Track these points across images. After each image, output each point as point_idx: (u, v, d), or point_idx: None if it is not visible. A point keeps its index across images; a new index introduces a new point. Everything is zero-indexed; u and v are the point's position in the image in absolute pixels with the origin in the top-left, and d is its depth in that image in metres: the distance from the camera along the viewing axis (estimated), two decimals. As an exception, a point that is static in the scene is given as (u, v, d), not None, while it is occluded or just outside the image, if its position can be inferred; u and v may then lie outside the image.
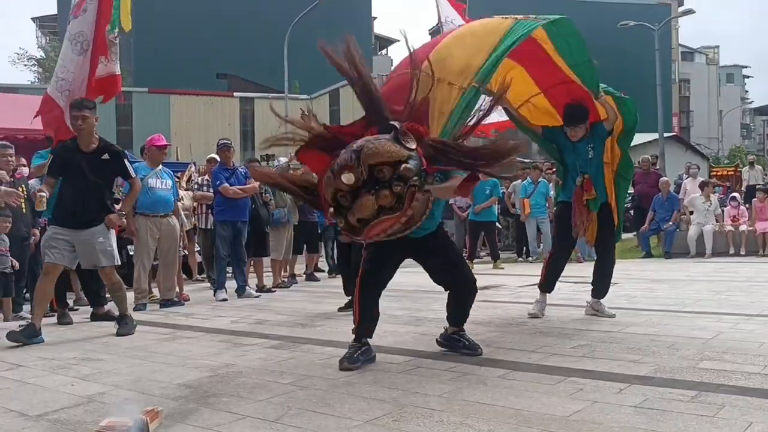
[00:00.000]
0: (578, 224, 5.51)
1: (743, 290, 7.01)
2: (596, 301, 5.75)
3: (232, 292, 7.96)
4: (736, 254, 11.46)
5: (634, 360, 3.99)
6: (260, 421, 3.04)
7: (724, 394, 3.19)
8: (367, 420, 3.00)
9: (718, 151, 60.78)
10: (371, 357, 4.17)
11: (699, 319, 5.31)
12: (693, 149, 41.80)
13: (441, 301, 6.92)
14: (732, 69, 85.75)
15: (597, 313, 5.67)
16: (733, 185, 20.33)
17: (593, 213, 5.51)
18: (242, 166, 8.58)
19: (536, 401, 3.21)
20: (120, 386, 3.78)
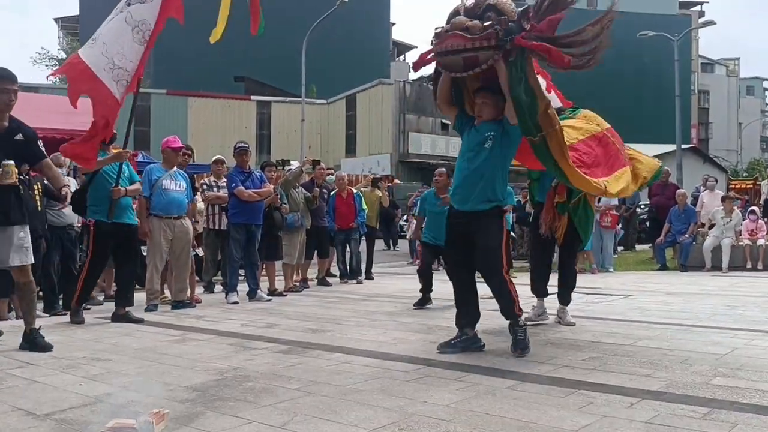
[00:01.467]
0: (545, 222, 5.66)
1: (759, 306, 6.91)
2: (561, 307, 5.90)
3: (244, 295, 7.97)
4: (753, 269, 11.32)
5: (646, 374, 3.93)
6: (266, 427, 3.02)
7: (738, 412, 3.13)
8: (373, 429, 2.98)
9: (737, 163, 60.22)
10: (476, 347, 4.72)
11: (713, 334, 5.23)
12: (711, 161, 41.43)
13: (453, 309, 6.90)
14: (752, 81, 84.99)
15: (559, 321, 5.84)
16: (752, 198, 20.11)
17: (563, 217, 5.65)
18: (258, 170, 8.60)
19: (545, 414, 3.17)
20: (128, 388, 3.78)
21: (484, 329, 5.40)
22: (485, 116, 4.70)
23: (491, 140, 4.62)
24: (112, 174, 6.26)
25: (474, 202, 4.64)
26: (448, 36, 4.41)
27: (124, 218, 6.36)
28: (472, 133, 4.79)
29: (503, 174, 4.74)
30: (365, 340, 5.20)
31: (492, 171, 4.64)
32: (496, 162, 4.66)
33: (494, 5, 4.39)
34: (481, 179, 4.62)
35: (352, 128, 38.35)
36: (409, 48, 69.37)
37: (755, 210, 12.85)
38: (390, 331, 5.63)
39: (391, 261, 15.82)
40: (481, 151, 4.65)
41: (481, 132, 4.71)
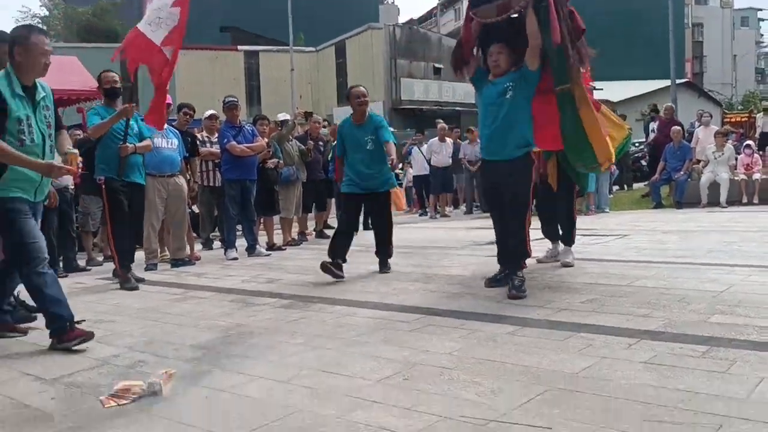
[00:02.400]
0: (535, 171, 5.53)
1: (756, 240, 6.95)
2: (564, 248, 6.08)
3: (243, 251, 8.00)
4: (749, 203, 11.36)
5: (643, 314, 3.98)
6: (272, 382, 3.07)
7: (736, 349, 3.18)
8: (378, 379, 3.03)
9: (732, 96, 59.80)
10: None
11: (710, 271, 5.27)
12: (706, 95, 41.15)
13: (451, 257, 6.97)
14: (747, 12, 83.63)
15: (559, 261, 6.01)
16: (747, 132, 20.03)
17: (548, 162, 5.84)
18: (249, 124, 8.51)
19: (545, 358, 3.22)
20: (133, 348, 3.82)
21: (484, 276, 5.45)
22: (502, 65, 4.99)
23: (511, 90, 4.90)
24: (120, 131, 6.08)
25: (510, 150, 4.94)
26: None
27: (133, 177, 6.18)
28: (489, 87, 5.06)
29: (528, 118, 5.01)
30: (366, 292, 5.25)
31: (518, 117, 4.94)
32: (519, 108, 4.94)
33: None
34: (511, 127, 4.92)
35: (343, 76, 37.79)
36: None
37: (750, 144, 12.82)
38: (390, 281, 5.68)
39: (388, 209, 15.82)
40: (504, 102, 4.92)
41: (499, 84, 4.98)
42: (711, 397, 2.59)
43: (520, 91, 4.92)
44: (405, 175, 16.17)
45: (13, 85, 3.76)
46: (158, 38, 5.96)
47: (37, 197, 4.01)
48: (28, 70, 3.84)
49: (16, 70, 3.81)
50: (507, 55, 4.99)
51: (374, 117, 6.25)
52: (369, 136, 6.07)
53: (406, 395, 2.80)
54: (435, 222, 12.02)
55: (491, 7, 4.99)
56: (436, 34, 41.62)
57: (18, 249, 3.86)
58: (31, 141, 3.81)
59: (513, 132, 4.93)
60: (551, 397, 2.69)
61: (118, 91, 6.33)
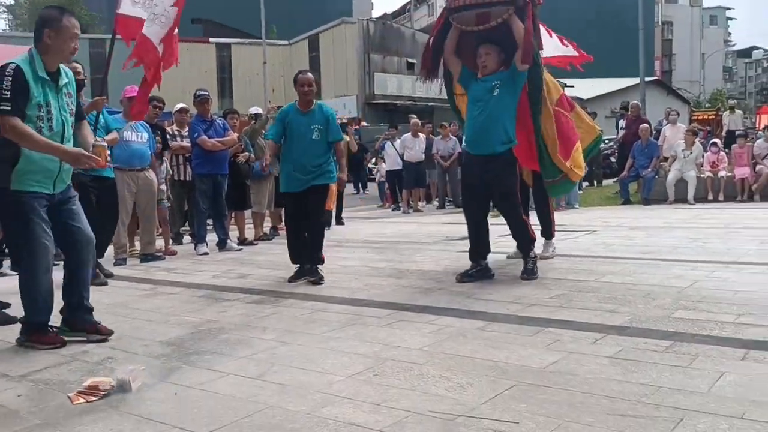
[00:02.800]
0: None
1: (720, 237, 7.11)
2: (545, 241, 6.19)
3: (213, 245, 7.95)
4: (715, 200, 11.59)
5: (610, 309, 4.06)
6: (242, 379, 3.07)
7: (698, 344, 3.27)
8: (349, 375, 3.05)
9: (700, 94, 60.85)
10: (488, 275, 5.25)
11: (675, 267, 5.39)
12: (674, 93, 41.84)
13: (423, 252, 7.01)
14: (715, 11, 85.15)
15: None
16: (714, 129, 20.42)
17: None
18: (220, 118, 8.45)
19: (514, 353, 3.27)
20: (102, 345, 3.79)
21: (456, 271, 5.50)
22: (490, 66, 5.22)
23: (498, 88, 5.15)
24: (89, 124, 5.99)
25: (493, 145, 5.16)
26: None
27: (101, 171, 6.10)
28: (478, 84, 5.28)
29: (512, 117, 5.25)
30: (338, 287, 5.26)
31: (502, 114, 5.17)
32: (505, 106, 5.18)
33: None
34: (495, 123, 5.15)
35: (316, 70, 37.59)
36: (371, -17, 67.77)
37: (717, 142, 13.07)
38: (362, 277, 5.69)
39: (361, 205, 15.85)
40: (491, 99, 5.15)
41: (487, 82, 5.21)
42: (673, 391, 2.66)
43: (507, 90, 5.16)
44: (378, 170, 16.19)
45: (37, 69, 3.58)
46: (154, 35, 5.90)
47: (57, 188, 3.78)
48: (56, 54, 3.66)
49: (43, 53, 3.62)
50: (495, 56, 5.23)
51: (324, 107, 5.81)
52: (316, 125, 5.58)
53: (376, 391, 2.82)
54: (408, 217, 12.05)
55: (470, 15, 5.14)
56: (409, 29, 41.67)
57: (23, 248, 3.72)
58: (49, 129, 3.62)
59: (496, 128, 5.15)
60: (519, 391, 2.74)
61: (82, 83, 6.23)
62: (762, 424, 2.31)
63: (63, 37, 3.63)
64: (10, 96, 3.44)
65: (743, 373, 2.84)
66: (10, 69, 3.48)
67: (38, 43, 3.62)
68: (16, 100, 3.46)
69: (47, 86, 3.63)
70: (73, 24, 3.68)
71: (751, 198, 11.37)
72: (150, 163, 7.26)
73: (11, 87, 3.45)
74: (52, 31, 3.61)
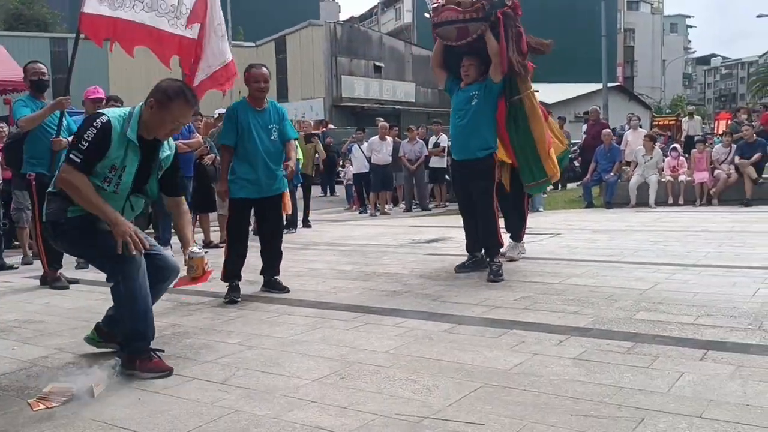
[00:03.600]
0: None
1: (680, 240, 7.26)
2: (512, 243, 6.33)
3: (178, 248, 7.83)
4: (675, 204, 11.84)
5: (573, 311, 4.12)
6: (208, 383, 3.04)
7: (659, 345, 3.34)
8: (315, 378, 3.04)
9: (661, 100, 62.13)
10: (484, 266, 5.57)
11: (637, 269, 5.49)
12: (636, 99, 42.59)
13: (390, 255, 7.02)
14: (676, 18, 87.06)
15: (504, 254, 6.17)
16: (674, 135, 20.87)
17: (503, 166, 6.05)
18: (185, 119, 8.35)
19: (479, 355, 3.30)
20: (63, 349, 3.72)
21: (422, 274, 5.53)
22: (471, 76, 5.55)
23: (476, 98, 5.49)
24: (52, 125, 5.84)
25: (473, 150, 5.50)
26: (443, 9, 5.37)
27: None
28: (459, 93, 5.63)
29: (491, 123, 5.56)
30: (304, 290, 5.24)
31: (481, 122, 5.50)
32: (483, 115, 5.49)
33: None
34: (474, 130, 5.49)
35: (283, 72, 37.50)
36: (338, -13, 67.66)
37: (677, 147, 13.35)
38: (329, 280, 5.69)
39: (329, 207, 15.81)
40: (470, 108, 5.50)
41: (467, 92, 5.56)
42: (635, 391, 2.71)
43: (485, 99, 5.49)
44: (345, 172, 16.18)
45: (128, 129, 3.22)
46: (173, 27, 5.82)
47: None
48: (152, 128, 3.29)
49: (143, 116, 3.27)
50: (476, 67, 5.54)
51: (276, 104, 5.33)
52: (273, 124, 5.08)
53: (342, 394, 2.82)
54: (375, 220, 12.07)
55: (451, 30, 5.44)
56: (377, 32, 41.75)
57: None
58: (114, 192, 3.27)
59: (476, 135, 5.50)
60: (484, 393, 2.77)
61: (46, 83, 6.12)
62: (720, 423, 2.37)
63: (164, 117, 3.25)
64: (85, 148, 3.14)
65: (702, 373, 2.91)
66: (100, 120, 3.19)
67: (144, 104, 3.29)
68: (89, 155, 3.15)
69: (131, 150, 3.25)
70: (181, 111, 3.27)
71: (710, 202, 11.63)
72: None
73: (91, 140, 3.15)
74: (157, 105, 3.24)
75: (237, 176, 5.00)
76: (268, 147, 5.02)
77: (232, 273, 5.02)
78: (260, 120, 5.03)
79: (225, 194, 5.07)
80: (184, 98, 3.26)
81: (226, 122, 5.08)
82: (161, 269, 3.52)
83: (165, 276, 3.55)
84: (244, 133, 4.98)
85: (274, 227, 5.30)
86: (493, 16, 5.27)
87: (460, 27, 5.38)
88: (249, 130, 4.97)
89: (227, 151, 5.04)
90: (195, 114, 8.89)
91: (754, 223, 8.63)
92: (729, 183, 11.62)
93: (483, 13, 5.26)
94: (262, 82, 5.03)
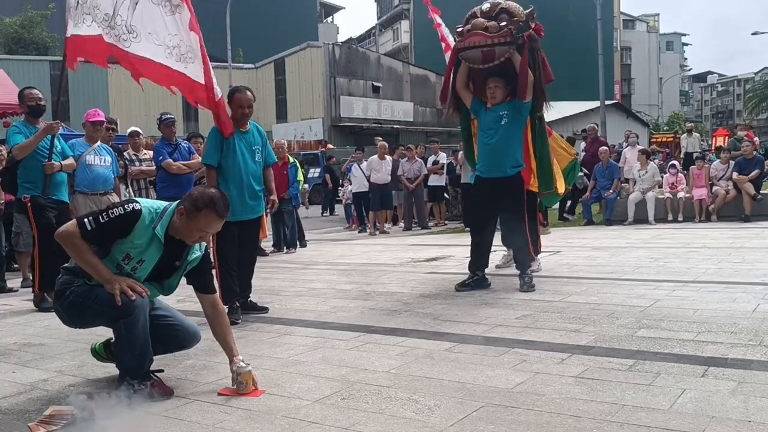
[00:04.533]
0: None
1: (680, 257, 7.27)
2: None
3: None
4: (674, 220, 11.85)
5: (575, 329, 4.12)
6: (209, 405, 3.03)
7: (660, 362, 3.33)
8: (316, 399, 3.03)
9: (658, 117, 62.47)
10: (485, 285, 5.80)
11: (638, 286, 5.49)
12: (634, 116, 42.81)
13: (390, 274, 7.01)
14: (672, 36, 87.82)
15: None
16: (672, 151, 20.97)
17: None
18: (185, 141, 8.40)
19: (481, 374, 3.29)
20: (64, 372, 3.71)
21: (423, 293, 5.52)
22: (498, 97, 5.72)
23: (506, 117, 5.68)
24: (44, 149, 5.94)
25: (505, 168, 5.70)
26: (470, 34, 5.54)
27: (59, 195, 6.08)
28: (488, 113, 5.80)
29: (520, 143, 5.83)
30: (305, 310, 5.24)
31: (512, 141, 5.73)
32: (512, 134, 5.72)
33: (506, 9, 5.54)
34: (506, 149, 5.70)
35: (282, 93, 37.77)
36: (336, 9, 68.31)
37: (675, 164, 13.38)
38: (329, 299, 5.68)
39: (327, 227, 15.82)
40: (500, 128, 5.69)
41: (496, 112, 5.74)
42: (636, 409, 2.70)
43: (514, 119, 5.69)
44: (344, 192, 16.21)
45: (157, 225, 3.19)
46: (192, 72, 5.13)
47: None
48: (179, 232, 3.23)
49: (176, 216, 3.22)
50: (503, 87, 5.72)
51: (258, 126, 5.35)
52: (256, 146, 5.14)
53: (344, 415, 2.81)
54: (374, 239, 12.07)
55: (476, 52, 5.59)
56: (374, 53, 42.04)
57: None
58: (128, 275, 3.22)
59: (507, 153, 5.71)
60: (486, 413, 2.76)
61: (42, 109, 6.18)
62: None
63: (190, 226, 3.19)
64: (102, 222, 3.12)
65: (703, 389, 2.91)
66: (132, 206, 3.17)
67: (178, 206, 3.24)
68: (101, 229, 3.12)
69: (155, 245, 3.21)
70: (208, 222, 3.19)
71: (709, 218, 11.65)
72: (114, 186, 7.16)
73: (113, 218, 3.12)
74: (186, 214, 3.18)
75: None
76: (252, 168, 5.06)
77: (232, 294, 4.97)
78: (245, 141, 5.07)
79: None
80: (214, 210, 3.18)
81: (210, 142, 5.03)
82: (178, 338, 3.51)
83: (182, 344, 3.55)
84: (230, 154, 4.97)
85: (252, 250, 5.34)
86: (521, 39, 5.46)
87: (486, 50, 5.54)
88: (234, 151, 4.98)
89: (212, 171, 4.99)
90: (195, 136, 8.95)
91: (753, 239, 8.64)
92: (727, 199, 11.64)
93: (511, 37, 5.45)
94: (246, 108, 5.04)
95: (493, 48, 5.51)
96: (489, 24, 5.49)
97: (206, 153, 5.10)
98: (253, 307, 5.23)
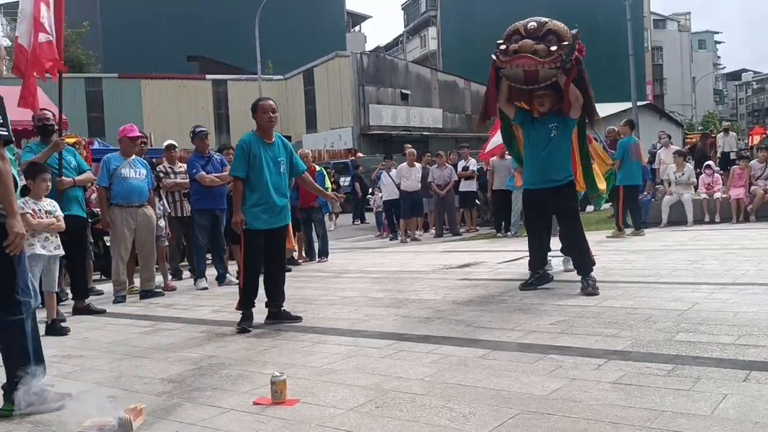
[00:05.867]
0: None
1: (717, 258, 7.11)
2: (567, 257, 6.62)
3: (212, 280, 7.94)
4: (711, 222, 11.62)
5: (611, 335, 4.05)
6: (243, 414, 3.05)
7: (700, 367, 3.26)
8: (351, 408, 3.03)
9: (692, 117, 61.38)
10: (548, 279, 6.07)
11: (675, 290, 5.39)
12: (667, 117, 42.08)
13: (422, 281, 7.00)
14: (704, 35, 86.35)
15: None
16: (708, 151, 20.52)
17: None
18: (218, 153, 8.50)
19: (516, 381, 3.26)
20: (102, 383, 3.77)
21: (455, 300, 5.49)
22: (547, 106, 5.80)
23: (555, 129, 5.81)
24: (53, 166, 6.07)
25: (558, 178, 5.82)
26: (518, 57, 5.45)
27: (72, 210, 6.16)
28: (536, 125, 5.91)
29: (569, 152, 5.99)
30: (337, 319, 5.25)
31: (562, 152, 5.88)
32: (563, 144, 5.88)
33: (554, 31, 5.48)
34: (557, 160, 5.83)
35: (312, 103, 38.03)
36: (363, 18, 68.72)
37: (711, 164, 13.14)
38: (362, 307, 5.68)
39: (359, 235, 15.85)
40: (551, 139, 5.81)
41: (545, 123, 5.84)
42: (676, 415, 2.64)
43: (563, 131, 5.83)
44: (375, 200, 16.24)
45: None
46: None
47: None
48: None
49: None
50: (550, 99, 5.79)
51: (283, 139, 5.46)
52: (282, 158, 5.27)
53: (378, 423, 2.81)
54: (405, 246, 12.06)
55: (518, 72, 5.59)
56: (402, 60, 42.17)
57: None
58: None
59: (559, 164, 5.83)
60: (522, 420, 2.72)
61: (50, 128, 6.32)
62: (767, 446, 2.30)
63: None
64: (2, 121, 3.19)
65: (745, 394, 2.83)
66: None
67: None
68: None
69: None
70: None
71: (747, 219, 11.40)
72: (148, 199, 7.29)
73: None
74: None
75: (250, 207, 5.13)
76: (276, 179, 5.21)
77: (249, 302, 5.15)
78: (270, 153, 5.21)
79: (241, 224, 5.12)
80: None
81: (238, 154, 5.19)
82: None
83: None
84: (255, 166, 5.12)
85: (281, 259, 5.47)
86: (569, 63, 5.47)
87: (529, 72, 5.52)
88: (260, 163, 5.12)
89: (239, 182, 5.14)
90: (226, 148, 9.06)
91: (795, 239, 8.42)
92: (766, 199, 11.38)
93: (560, 62, 5.41)
94: (270, 112, 5.20)
95: (536, 69, 5.46)
96: (538, 47, 5.39)
97: (234, 165, 5.25)
98: (287, 317, 5.29)
